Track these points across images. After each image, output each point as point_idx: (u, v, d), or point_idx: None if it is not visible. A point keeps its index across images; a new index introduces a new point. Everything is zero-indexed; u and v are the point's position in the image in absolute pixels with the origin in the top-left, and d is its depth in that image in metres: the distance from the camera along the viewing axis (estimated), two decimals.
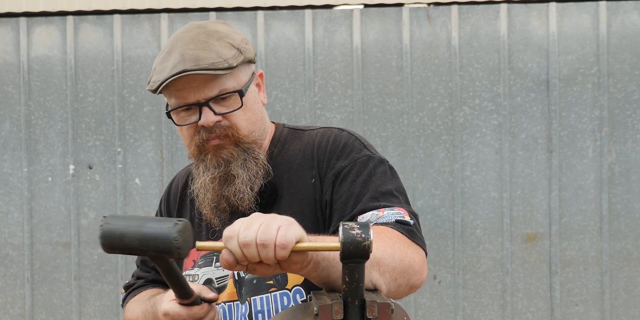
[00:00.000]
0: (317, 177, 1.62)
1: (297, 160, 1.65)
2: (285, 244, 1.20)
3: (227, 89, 1.59)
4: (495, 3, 4.23)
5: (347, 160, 1.60)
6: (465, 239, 4.23)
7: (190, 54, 1.56)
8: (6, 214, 4.38)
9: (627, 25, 4.21)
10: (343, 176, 1.59)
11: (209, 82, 1.57)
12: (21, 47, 4.36)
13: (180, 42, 1.59)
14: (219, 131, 1.59)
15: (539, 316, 4.23)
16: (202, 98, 1.58)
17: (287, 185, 1.64)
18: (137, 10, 4.32)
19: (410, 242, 1.48)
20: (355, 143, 1.64)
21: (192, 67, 1.54)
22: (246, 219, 1.24)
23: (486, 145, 4.22)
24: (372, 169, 1.59)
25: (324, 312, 1.21)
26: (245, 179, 1.60)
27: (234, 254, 1.21)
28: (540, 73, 4.21)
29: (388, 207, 1.53)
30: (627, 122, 4.20)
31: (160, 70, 1.58)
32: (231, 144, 1.61)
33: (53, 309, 4.38)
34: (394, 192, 1.58)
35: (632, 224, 4.20)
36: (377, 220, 1.50)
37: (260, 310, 1.61)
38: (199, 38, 1.59)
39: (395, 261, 1.39)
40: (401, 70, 4.24)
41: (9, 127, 4.38)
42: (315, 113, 4.25)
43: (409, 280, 1.43)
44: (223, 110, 1.59)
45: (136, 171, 4.32)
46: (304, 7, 4.27)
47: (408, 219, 1.52)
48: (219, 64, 1.56)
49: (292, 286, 1.60)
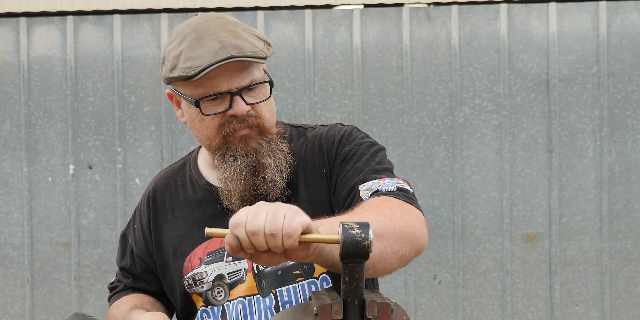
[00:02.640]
0: (327, 166, 1.65)
1: (306, 153, 1.67)
2: (291, 232, 1.20)
3: (257, 80, 1.59)
4: (495, 3, 4.23)
5: (352, 145, 1.65)
6: (465, 239, 4.23)
7: (228, 41, 1.54)
8: (6, 214, 4.38)
9: (627, 25, 4.21)
10: (348, 158, 1.63)
11: (242, 71, 1.56)
12: (21, 47, 4.36)
13: (209, 30, 1.56)
14: (251, 120, 1.59)
15: (539, 316, 4.23)
16: (235, 87, 1.56)
17: (302, 177, 1.65)
18: (137, 10, 4.32)
19: (410, 208, 1.51)
20: (358, 133, 1.69)
21: (237, 53, 1.52)
22: (252, 207, 1.24)
23: (486, 145, 4.22)
24: (374, 152, 1.64)
25: (323, 312, 1.21)
26: (275, 168, 1.61)
27: (240, 241, 1.21)
28: (540, 73, 4.22)
29: (388, 177, 1.58)
30: (627, 122, 4.20)
31: (194, 56, 1.53)
32: (258, 135, 1.61)
33: (53, 309, 4.38)
34: (394, 171, 1.64)
35: (632, 224, 4.20)
36: (379, 188, 1.54)
37: (288, 301, 1.61)
38: (227, 27, 1.57)
39: (396, 233, 1.41)
40: (401, 70, 4.24)
41: (9, 127, 4.38)
42: (315, 113, 4.25)
43: (412, 247, 1.45)
44: (252, 100, 1.59)
45: (136, 171, 4.32)
46: (304, 7, 4.27)
47: (408, 187, 1.56)
48: (258, 53, 1.55)
49: (319, 274, 1.61)
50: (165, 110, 4.29)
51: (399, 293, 4.24)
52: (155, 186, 1.79)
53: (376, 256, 1.36)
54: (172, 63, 1.57)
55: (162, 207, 1.76)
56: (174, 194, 1.75)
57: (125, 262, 1.82)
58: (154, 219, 1.76)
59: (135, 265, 1.80)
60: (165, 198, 1.76)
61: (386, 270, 1.42)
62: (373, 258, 1.31)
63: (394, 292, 4.23)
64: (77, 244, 4.34)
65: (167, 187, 1.77)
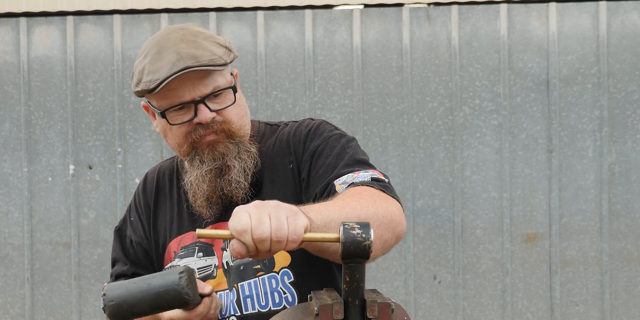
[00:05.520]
0: (294, 162, 1.68)
1: (274, 150, 1.72)
2: (296, 238, 1.25)
3: (220, 86, 1.64)
4: (495, 3, 4.23)
5: (320, 139, 1.68)
6: (465, 239, 4.23)
7: (185, 52, 1.59)
8: (6, 214, 4.38)
9: (627, 25, 4.21)
10: (318, 153, 1.66)
11: (204, 79, 1.62)
12: (21, 47, 4.36)
13: (169, 43, 1.62)
14: (216, 126, 1.64)
15: (539, 316, 4.23)
16: (198, 96, 1.62)
17: (268, 174, 1.70)
18: (137, 10, 4.32)
19: (387, 197, 1.54)
20: (326, 126, 1.72)
21: (193, 64, 1.58)
22: (252, 209, 1.26)
23: (486, 145, 4.22)
24: (344, 144, 1.67)
25: (324, 312, 1.21)
26: (240, 169, 1.66)
27: (247, 246, 1.25)
28: (540, 73, 4.21)
29: (362, 170, 1.60)
30: (627, 122, 4.20)
31: (154, 70, 1.60)
32: (225, 139, 1.66)
33: (53, 309, 4.38)
34: (368, 161, 1.66)
35: (632, 224, 4.20)
36: (354, 180, 1.57)
37: (249, 295, 1.65)
38: (187, 38, 1.63)
39: (379, 218, 1.44)
40: (401, 70, 4.24)
41: (9, 127, 4.38)
42: (315, 113, 4.25)
43: (393, 233, 1.49)
44: (217, 107, 1.65)
45: (136, 171, 4.32)
46: (304, 7, 4.27)
47: (382, 177, 1.59)
48: (216, 61, 1.61)
49: (279, 268, 1.65)
50: None
51: (399, 293, 4.24)
52: (147, 176, 1.87)
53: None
54: (138, 77, 1.65)
55: (154, 195, 1.83)
56: (162, 186, 1.82)
57: (124, 253, 1.84)
58: (150, 204, 1.82)
59: (137, 253, 1.83)
60: (155, 188, 1.83)
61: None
62: None
63: (394, 292, 4.23)
64: (77, 244, 4.34)
65: (159, 177, 1.84)
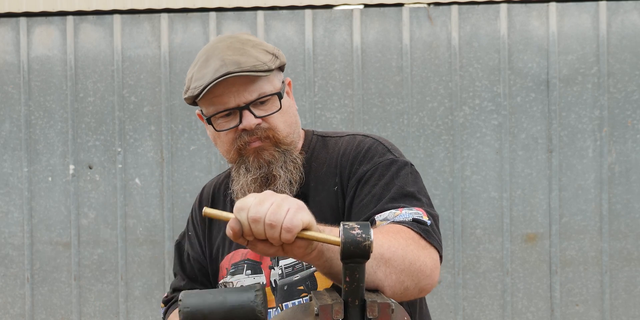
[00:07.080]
0: (340, 185, 1.64)
1: (323, 168, 1.69)
2: (291, 227, 1.22)
3: (266, 93, 1.64)
4: (495, 3, 4.23)
5: (370, 164, 1.62)
6: (465, 239, 4.23)
7: (230, 59, 1.61)
8: (6, 214, 4.38)
9: (627, 25, 4.21)
10: (365, 180, 1.61)
11: (249, 86, 1.62)
12: (21, 47, 4.36)
13: (217, 50, 1.64)
14: (260, 133, 1.64)
15: (539, 316, 4.23)
16: (243, 102, 1.63)
17: (313, 194, 1.67)
18: (137, 10, 4.32)
19: (425, 244, 1.48)
20: (378, 147, 1.66)
21: (235, 69, 1.59)
22: (260, 194, 1.26)
23: (486, 145, 4.22)
24: (394, 172, 1.61)
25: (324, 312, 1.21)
26: (286, 180, 1.65)
27: (242, 225, 1.24)
28: (540, 73, 4.21)
29: (406, 207, 1.54)
30: (627, 122, 4.20)
31: (200, 77, 1.62)
32: (271, 146, 1.65)
33: (53, 309, 4.38)
34: (416, 194, 1.59)
35: (632, 224, 4.20)
36: (395, 219, 1.51)
37: None
38: (235, 45, 1.64)
39: (405, 264, 1.39)
40: (401, 70, 4.24)
41: (9, 127, 4.38)
42: (315, 113, 4.25)
43: (417, 284, 1.43)
44: (262, 113, 1.64)
45: (136, 171, 4.32)
46: (304, 7, 4.27)
47: (426, 219, 1.52)
48: (259, 67, 1.61)
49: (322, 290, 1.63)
50: (165, 110, 4.29)
51: None
52: (204, 190, 1.88)
53: (379, 280, 1.36)
54: (187, 85, 1.68)
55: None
56: (217, 201, 1.82)
57: (182, 267, 1.86)
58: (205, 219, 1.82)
59: (193, 269, 1.84)
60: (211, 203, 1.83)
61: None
62: (376, 282, 1.33)
63: None
64: (77, 244, 4.34)
65: (215, 191, 1.84)
